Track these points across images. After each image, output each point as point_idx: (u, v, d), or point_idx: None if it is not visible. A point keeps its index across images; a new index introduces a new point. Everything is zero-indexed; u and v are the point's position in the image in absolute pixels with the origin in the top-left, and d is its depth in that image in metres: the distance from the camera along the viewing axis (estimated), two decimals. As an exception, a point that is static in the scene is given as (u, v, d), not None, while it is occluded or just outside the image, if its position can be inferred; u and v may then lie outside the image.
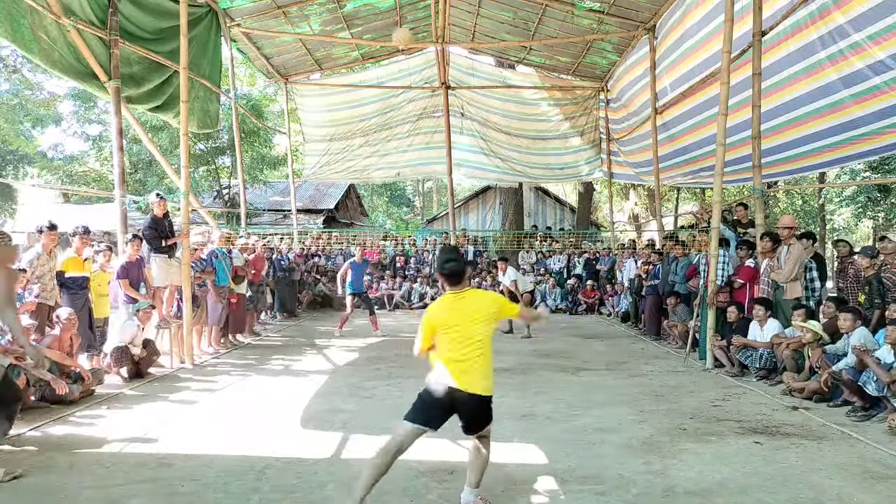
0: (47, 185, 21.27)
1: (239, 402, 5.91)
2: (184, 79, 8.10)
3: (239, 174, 14.05)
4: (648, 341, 9.89)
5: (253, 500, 3.55)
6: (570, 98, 15.30)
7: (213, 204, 20.84)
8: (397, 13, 12.88)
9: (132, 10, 8.70)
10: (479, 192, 24.53)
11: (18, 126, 20.86)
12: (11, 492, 3.64)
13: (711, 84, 9.72)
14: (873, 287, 6.43)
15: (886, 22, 6.41)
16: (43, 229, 6.37)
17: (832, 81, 7.43)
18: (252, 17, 11.73)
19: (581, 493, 3.68)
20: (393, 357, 8.31)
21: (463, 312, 3.39)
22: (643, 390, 6.39)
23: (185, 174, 8.17)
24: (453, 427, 5.01)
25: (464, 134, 15.97)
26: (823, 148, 8.24)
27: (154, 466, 4.06)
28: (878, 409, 5.22)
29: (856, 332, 5.64)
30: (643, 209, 25.88)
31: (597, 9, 11.41)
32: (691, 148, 11.45)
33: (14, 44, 7.07)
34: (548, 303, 14.35)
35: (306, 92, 15.48)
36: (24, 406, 5.30)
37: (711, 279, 7.65)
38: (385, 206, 38.55)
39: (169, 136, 17.86)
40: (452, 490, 3.70)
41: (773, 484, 3.80)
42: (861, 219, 19.41)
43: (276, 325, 11.83)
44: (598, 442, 4.63)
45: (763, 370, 6.79)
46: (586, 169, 16.31)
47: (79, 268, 6.77)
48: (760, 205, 8.24)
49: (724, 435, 4.82)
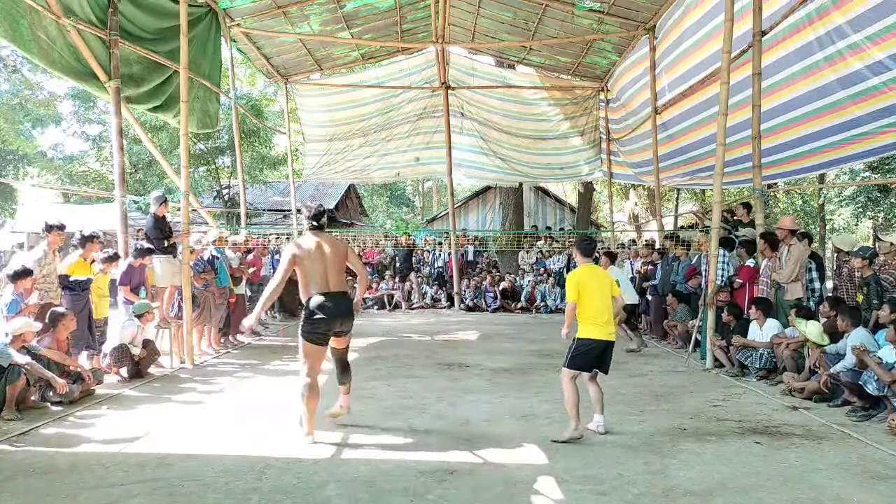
0: (47, 185, 21.26)
1: (239, 402, 5.91)
2: (184, 79, 8.10)
3: (239, 174, 14.04)
4: (648, 341, 9.88)
5: (253, 500, 3.55)
6: (570, 98, 15.29)
7: (213, 204, 20.84)
8: (397, 13, 12.87)
9: (132, 10, 8.69)
10: (479, 192, 24.55)
11: (18, 126, 20.86)
12: (11, 492, 3.64)
13: (711, 84, 9.71)
14: (871, 288, 6.44)
15: (885, 22, 6.39)
16: (52, 228, 6.38)
17: (830, 82, 7.43)
18: (252, 17, 11.73)
19: (581, 493, 3.68)
20: (393, 357, 8.31)
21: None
22: (643, 390, 6.40)
23: (185, 174, 8.17)
24: (454, 427, 5.03)
25: (464, 134, 15.96)
26: (823, 148, 8.24)
27: (154, 466, 4.06)
28: (878, 409, 5.22)
29: (855, 333, 5.64)
30: (643, 209, 25.88)
31: (597, 9, 11.41)
32: (690, 148, 11.45)
33: (13, 44, 7.06)
34: (548, 302, 14.35)
35: (306, 92, 15.47)
36: (24, 406, 5.32)
37: (711, 279, 7.65)
38: (385, 206, 38.56)
39: (169, 136, 17.86)
40: (452, 490, 3.70)
41: (773, 484, 3.81)
42: (861, 219, 19.40)
43: (276, 325, 11.83)
44: (598, 442, 4.63)
45: (763, 370, 6.79)
46: (586, 169, 16.30)
47: (84, 271, 6.78)
48: (760, 205, 8.24)
49: (724, 435, 4.82)
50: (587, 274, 4.89)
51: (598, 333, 4.76)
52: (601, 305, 4.78)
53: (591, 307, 4.78)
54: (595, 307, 4.77)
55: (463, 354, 8.41)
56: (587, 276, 4.86)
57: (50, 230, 6.39)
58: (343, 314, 4.65)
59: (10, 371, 5.10)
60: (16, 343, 5.31)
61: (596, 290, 4.80)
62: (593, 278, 4.86)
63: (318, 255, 4.60)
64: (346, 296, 4.72)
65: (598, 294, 4.80)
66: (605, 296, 4.82)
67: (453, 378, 6.95)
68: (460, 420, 5.21)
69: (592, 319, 4.76)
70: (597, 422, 4.85)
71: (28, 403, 5.41)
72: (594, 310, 4.77)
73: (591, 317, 4.77)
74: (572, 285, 4.83)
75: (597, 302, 4.78)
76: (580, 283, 4.81)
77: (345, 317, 4.67)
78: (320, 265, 4.59)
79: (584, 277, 4.85)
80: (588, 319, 4.78)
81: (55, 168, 22.39)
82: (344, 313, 4.66)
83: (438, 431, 4.92)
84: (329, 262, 4.62)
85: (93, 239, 6.88)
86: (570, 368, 4.80)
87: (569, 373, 4.80)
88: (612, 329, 4.83)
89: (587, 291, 4.79)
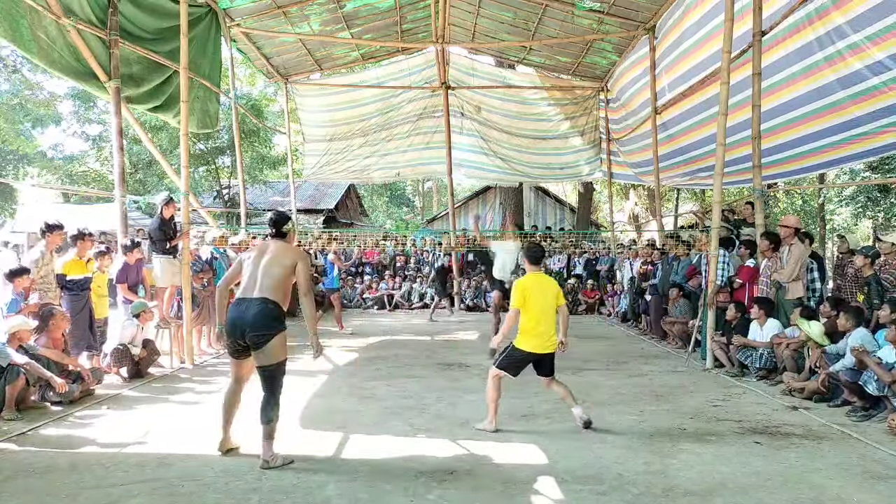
0: (47, 185, 21.26)
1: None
2: (184, 79, 8.10)
3: (239, 174, 14.04)
4: (648, 341, 9.90)
5: (253, 500, 3.55)
6: (570, 98, 15.29)
7: (213, 204, 20.84)
8: (397, 13, 12.87)
9: (132, 10, 8.69)
10: (479, 192, 24.55)
11: (18, 126, 20.86)
12: (11, 492, 3.64)
13: (711, 84, 9.71)
14: (872, 287, 6.44)
15: (885, 22, 6.40)
16: (51, 228, 6.37)
17: (830, 82, 7.43)
18: (252, 17, 11.73)
19: (581, 493, 3.68)
20: (393, 357, 8.31)
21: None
22: (643, 390, 6.40)
23: (185, 174, 8.17)
24: (454, 427, 5.03)
25: (464, 134, 15.95)
26: (823, 148, 8.24)
27: (154, 466, 4.06)
28: (878, 409, 5.22)
29: (855, 333, 5.63)
30: (643, 209, 25.88)
31: (597, 9, 11.41)
32: (690, 148, 11.45)
33: (13, 44, 7.05)
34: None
35: (306, 92, 15.47)
36: (24, 406, 5.32)
37: (711, 279, 7.65)
38: (385, 206, 38.57)
39: (169, 136, 17.86)
40: (452, 490, 3.70)
41: (773, 484, 3.81)
42: (861, 219, 19.40)
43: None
44: (598, 442, 4.63)
45: (763, 370, 6.79)
46: (586, 169, 16.30)
47: (80, 269, 6.76)
48: (760, 205, 8.24)
49: (724, 435, 4.82)
50: (533, 282, 4.90)
51: (533, 346, 4.79)
52: (541, 315, 4.80)
53: (532, 316, 4.80)
54: (535, 316, 4.80)
55: (463, 354, 8.41)
56: (533, 285, 4.88)
57: (49, 230, 6.38)
58: (248, 323, 3.97)
59: (9, 371, 5.10)
60: (13, 342, 5.31)
61: (538, 299, 4.82)
62: (538, 287, 4.88)
63: (256, 261, 4.20)
64: (264, 303, 4.03)
65: (539, 303, 4.81)
66: (547, 306, 4.83)
67: (453, 378, 6.95)
68: (460, 420, 5.21)
69: (530, 329, 4.80)
70: (576, 414, 4.93)
71: (28, 403, 5.40)
72: (534, 319, 4.80)
73: (529, 327, 4.80)
74: (518, 292, 4.85)
75: (537, 311, 4.80)
76: (525, 291, 4.82)
77: (251, 327, 3.97)
78: (253, 269, 4.17)
79: (529, 285, 4.86)
80: (526, 329, 4.81)
81: (55, 168, 22.39)
82: (249, 322, 3.97)
83: (438, 431, 4.92)
84: (262, 269, 4.12)
85: (84, 236, 6.85)
86: (497, 368, 4.89)
87: (495, 371, 4.90)
88: (549, 341, 4.82)
89: (530, 300, 4.81)
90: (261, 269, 4.15)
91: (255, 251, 4.34)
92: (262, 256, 4.22)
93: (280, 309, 4.14)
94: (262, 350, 4.03)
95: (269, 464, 4.03)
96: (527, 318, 4.83)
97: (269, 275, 4.12)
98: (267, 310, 4.03)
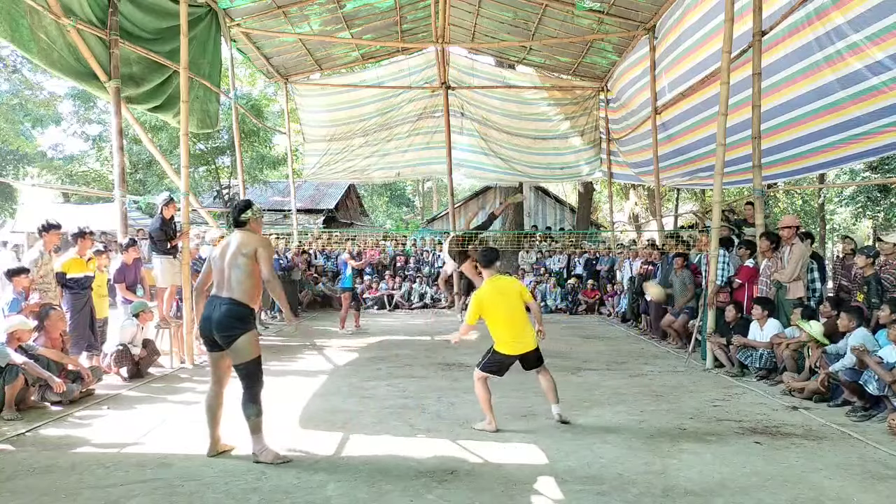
0: (47, 185, 21.28)
1: (239, 401, 5.89)
2: (184, 79, 8.10)
3: (239, 174, 14.04)
4: (648, 341, 9.90)
5: (253, 500, 3.55)
6: (570, 98, 15.30)
7: (213, 204, 20.83)
8: (397, 13, 12.87)
9: (132, 10, 8.69)
10: (479, 192, 24.55)
11: (18, 126, 20.88)
12: (11, 492, 3.64)
13: (711, 84, 9.71)
14: (872, 287, 6.44)
15: (885, 22, 6.40)
16: (48, 228, 6.37)
17: (830, 82, 7.43)
18: (252, 17, 11.73)
19: (581, 493, 3.68)
20: (393, 357, 8.31)
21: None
22: (643, 390, 6.40)
23: (185, 174, 8.17)
24: (454, 427, 5.03)
25: (464, 134, 15.96)
26: (823, 148, 8.23)
27: (154, 466, 4.06)
28: (878, 408, 5.22)
29: (856, 333, 5.63)
30: (643, 209, 25.87)
31: (597, 9, 11.41)
32: (690, 148, 11.45)
33: (13, 44, 7.05)
34: (548, 302, 14.34)
35: (306, 92, 15.47)
36: (24, 406, 5.32)
37: (711, 279, 7.65)
38: (385, 206, 38.57)
39: (169, 136, 17.85)
40: (452, 490, 3.70)
41: (773, 484, 3.80)
42: (861, 219, 19.41)
43: (276, 325, 11.82)
44: (599, 442, 4.63)
45: (763, 370, 6.79)
46: (586, 169, 16.31)
47: (81, 268, 6.76)
48: (760, 205, 8.24)
49: (724, 435, 4.82)
50: (491, 291, 4.86)
51: (510, 349, 4.84)
52: (509, 322, 4.81)
53: (499, 324, 4.82)
54: (502, 323, 4.81)
55: (463, 354, 8.41)
56: (491, 294, 4.84)
57: (46, 230, 6.38)
58: (215, 323, 4.02)
59: (8, 371, 5.10)
60: (12, 342, 5.31)
61: (500, 306, 4.80)
62: (498, 294, 4.84)
63: (221, 256, 4.19)
64: (230, 303, 4.05)
65: (503, 310, 4.80)
66: (512, 309, 4.82)
67: (453, 378, 6.95)
68: (460, 420, 5.21)
69: (502, 338, 4.84)
70: (554, 411, 5.04)
71: (28, 403, 5.41)
72: (501, 327, 4.82)
73: (500, 335, 4.84)
74: (474, 306, 4.86)
75: (503, 319, 4.81)
76: (482, 305, 4.83)
77: (217, 328, 4.02)
78: (220, 264, 4.17)
79: (486, 297, 4.84)
80: (499, 338, 4.85)
81: (55, 168, 22.42)
82: (215, 322, 4.02)
83: (438, 431, 4.92)
84: (227, 263, 4.12)
85: (84, 235, 6.86)
86: (481, 371, 4.94)
87: (479, 374, 4.95)
88: (525, 340, 4.85)
89: (491, 310, 4.80)
90: (226, 263, 4.14)
91: (218, 247, 4.33)
92: (226, 251, 4.20)
93: (247, 309, 4.13)
94: (232, 349, 4.09)
95: (258, 457, 4.07)
96: (494, 328, 4.84)
97: (234, 267, 4.11)
98: (232, 311, 4.05)
